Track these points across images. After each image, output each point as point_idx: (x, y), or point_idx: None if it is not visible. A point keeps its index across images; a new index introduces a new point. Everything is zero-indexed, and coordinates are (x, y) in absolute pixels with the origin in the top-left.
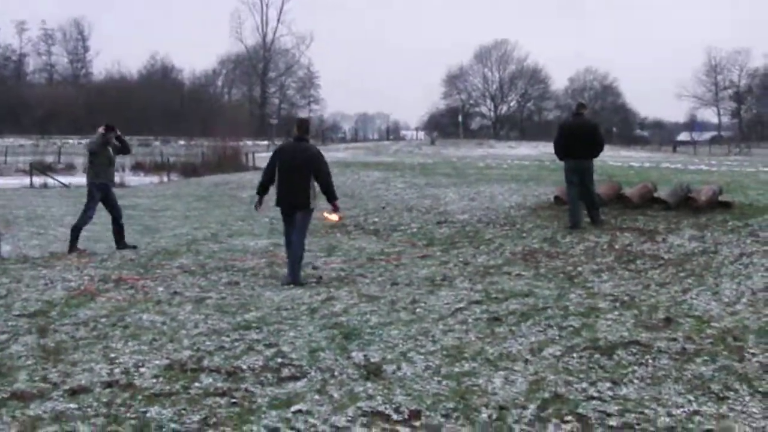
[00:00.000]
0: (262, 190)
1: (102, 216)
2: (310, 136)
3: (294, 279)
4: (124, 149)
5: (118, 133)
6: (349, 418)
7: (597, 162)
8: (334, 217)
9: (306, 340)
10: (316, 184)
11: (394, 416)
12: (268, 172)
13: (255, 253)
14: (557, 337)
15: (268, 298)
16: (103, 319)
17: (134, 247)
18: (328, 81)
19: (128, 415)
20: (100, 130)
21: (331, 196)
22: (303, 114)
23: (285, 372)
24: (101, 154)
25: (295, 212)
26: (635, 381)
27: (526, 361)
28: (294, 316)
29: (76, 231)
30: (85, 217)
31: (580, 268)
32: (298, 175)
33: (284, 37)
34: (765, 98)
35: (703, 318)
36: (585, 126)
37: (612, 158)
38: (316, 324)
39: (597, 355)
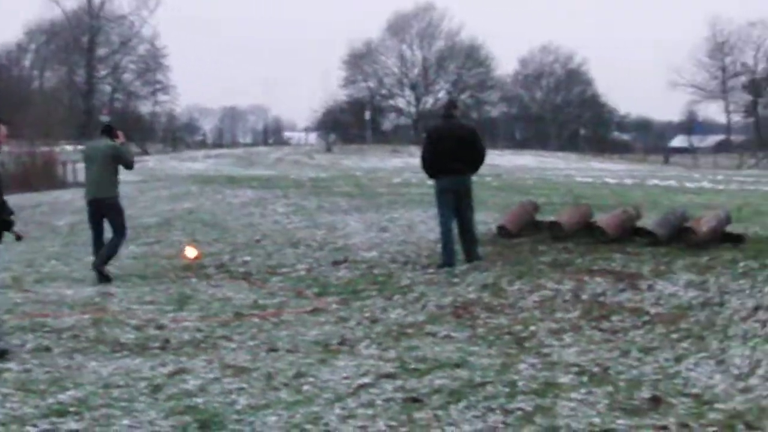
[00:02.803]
0: None
1: None
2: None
3: None
4: None
5: None
6: None
7: (558, 177)
8: (191, 253)
9: (147, 430)
10: None
11: None
12: None
13: (74, 306)
14: (501, 426)
15: (93, 371)
16: None
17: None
18: (181, 61)
19: None
20: (122, 136)
21: None
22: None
23: None
24: None
25: None
26: None
27: None
28: (129, 397)
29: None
30: (125, 235)
31: (532, 328)
32: None
33: None
34: None
35: (704, 397)
36: (459, 131)
37: (579, 171)
38: (160, 408)
39: None
